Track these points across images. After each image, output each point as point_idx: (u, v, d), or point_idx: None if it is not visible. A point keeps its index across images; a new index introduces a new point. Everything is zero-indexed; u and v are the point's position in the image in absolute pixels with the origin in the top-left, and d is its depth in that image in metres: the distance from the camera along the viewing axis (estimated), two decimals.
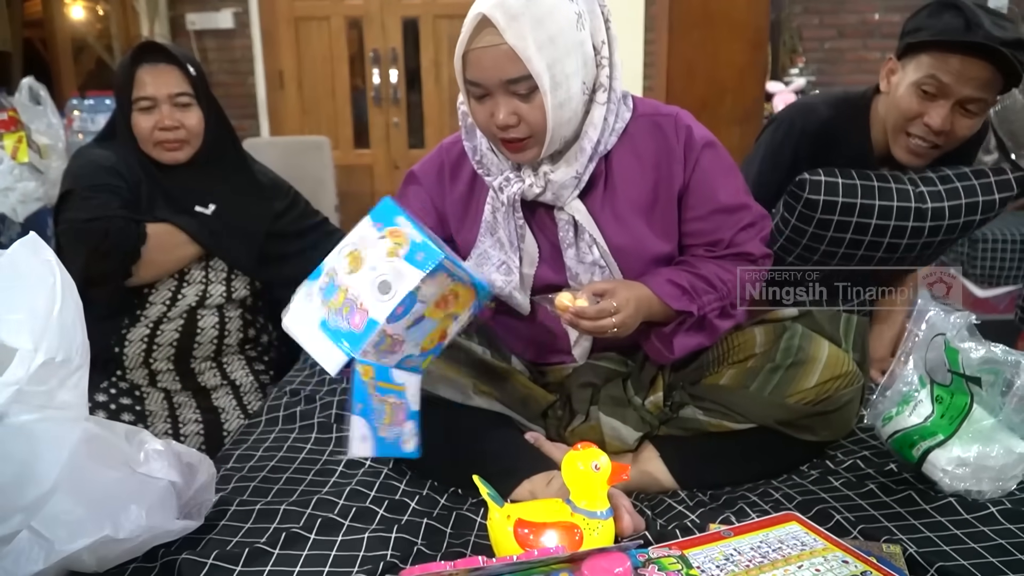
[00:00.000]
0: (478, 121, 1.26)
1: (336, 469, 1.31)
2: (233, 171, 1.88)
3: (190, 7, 4.62)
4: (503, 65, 1.17)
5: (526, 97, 1.19)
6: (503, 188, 1.30)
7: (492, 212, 1.33)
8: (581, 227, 1.30)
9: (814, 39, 4.59)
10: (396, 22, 4.73)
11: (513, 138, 1.23)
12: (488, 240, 1.35)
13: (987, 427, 1.15)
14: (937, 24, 1.52)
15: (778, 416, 1.24)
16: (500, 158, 1.32)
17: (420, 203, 1.39)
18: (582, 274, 1.32)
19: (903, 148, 1.61)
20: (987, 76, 1.49)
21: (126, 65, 1.75)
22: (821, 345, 1.27)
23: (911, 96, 1.56)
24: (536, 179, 1.28)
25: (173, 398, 1.82)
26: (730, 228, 1.33)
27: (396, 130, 4.87)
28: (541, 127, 1.22)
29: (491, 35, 1.16)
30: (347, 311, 1.06)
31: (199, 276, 1.82)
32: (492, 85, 1.19)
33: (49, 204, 2.54)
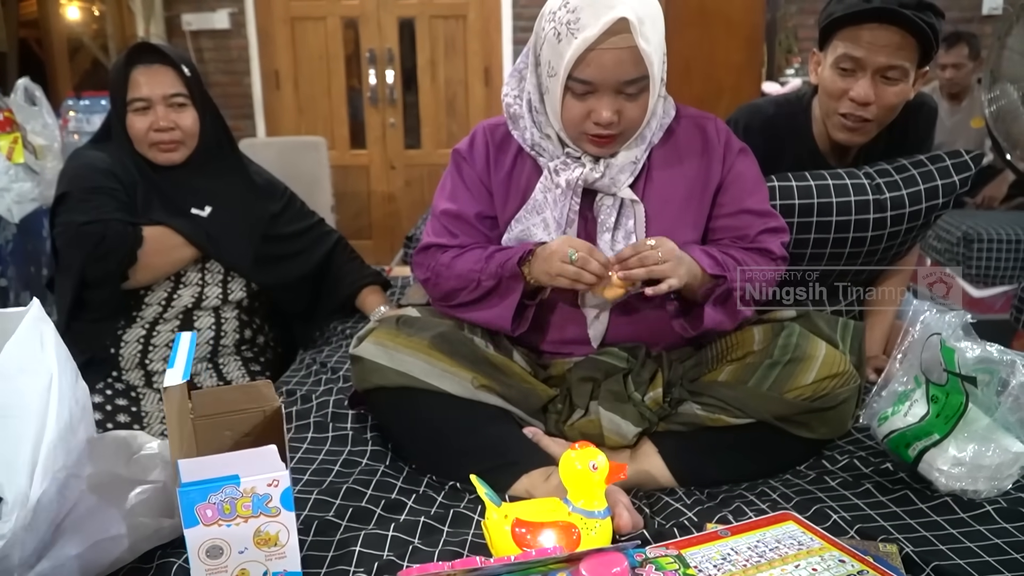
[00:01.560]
0: (571, 116, 1.28)
1: (333, 468, 1.30)
2: (229, 172, 1.88)
3: (186, 7, 4.61)
4: (626, 67, 1.21)
5: (633, 97, 1.25)
6: (559, 171, 1.33)
7: (543, 192, 1.36)
8: (624, 214, 1.34)
9: (810, 39, 4.59)
10: (392, 22, 4.72)
11: (607, 135, 1.27)
12: (533, 219, 1.37)
13: (983, 426, 1.15)
14: (842, 5, 1.59)
15: (775, 411, 1.25)
16: (554, 144, 1.35)
17: (472, 180, 1.42)
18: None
19: (839, 127, 1.65)
20: (897, 40, 1.54)
21: (120, 66, 1.74)
22: (818, 344, 1.28)
23: (833, 77, 1.61)
24: (596, 164, 1.32)
25: None
26: (755, 227, 1.39)
27: (392, 130, 4.87)
28: (636, 124, 1.29)
29: (623, 38, 1.19)
30: None
31: (195, 278, 1.82)
32: (606, 85, 1.23)
33: (45, 205, 2.54)
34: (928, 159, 1.68)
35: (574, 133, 1.30)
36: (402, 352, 1.29)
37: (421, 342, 1.30)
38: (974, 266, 3.07)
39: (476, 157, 1.42)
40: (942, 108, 3.70)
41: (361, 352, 1.33)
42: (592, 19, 1.18)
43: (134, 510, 1.01)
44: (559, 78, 1.24)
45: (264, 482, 0.91)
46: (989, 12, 4.51)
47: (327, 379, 1.69)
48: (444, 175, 1.46)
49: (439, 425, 1.26)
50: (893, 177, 1.65)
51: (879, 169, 1.67)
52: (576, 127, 1.28)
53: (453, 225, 1.41)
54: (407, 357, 1.29)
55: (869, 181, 1.64)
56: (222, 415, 1.06)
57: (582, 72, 1.22)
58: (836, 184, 1.63)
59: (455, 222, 1.41)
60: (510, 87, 1.39)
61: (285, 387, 1.67)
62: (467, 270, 1.35)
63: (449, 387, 1.27)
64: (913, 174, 1.65)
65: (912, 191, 1.64)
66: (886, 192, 1.63)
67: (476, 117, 4.79)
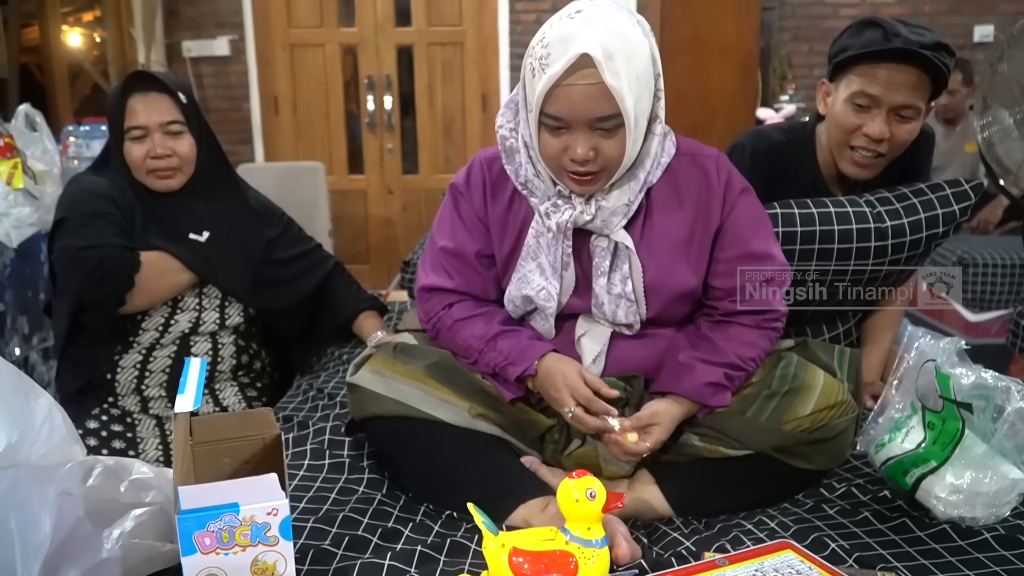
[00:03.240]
0: (547, 153, 1.24)
1: (329, 496, 1.30)
2: (226, 197, 1.89)
3: (186, 34, 4.65)
4: (596, 103, 1.17)
5: (608, 133, 1.20)
6: (550, 214, 1.29)
7: (536, 237, 1.33)
8: (619, 257, 1.30)
9: (804, 66, 4.64)
10: (391, 49, 4.76)
11: (586, 172, 1.23)
12: (529, 264, 1.34)
13: (980, 453, 1.15)
14: (859, 41, 1.59)
15: (773, 442, 1.25)
16: (546, 182, 1.31)
17: (469, 218, 1.38)
18: (607, 304, 1.32)
19: (849, 162, 1.66)
20: (914, 80, 1.56)
21: (117, 95, 1.76)
22: (816, 374, 1.28)
23: (847, 112, 1.62)
24: (587, 206, 1.28)
25: (165, 425, 1.81)
26: (755, 278, 1.34)
27: (390, 155, 4.89)
28: (616, 162, 1.23)
29: (588, 73, 1.15)
30: None
31: (193, 303, 1.82)
32: (577, 121, 1.19)
33: (43, 230, 2.54)
34: (928, 188, 1.69)
35: (555, 169, 1.26)
36: (398, 380, 1.30)
37: (417, 371, 1.30)
38: (970, 290, 3.08)
39: (473, 192, 1.38)
40: (937, 132, 3.73)
41: (357, 380, 1.33)
42: (559, 54, 1.16)
43: (132, 532, 1.01)
44: (534, 114, 1.22)
45: (263, 510, 0.90)
46: (980, 39, 4.56)
47: (324, 405, 1.68)
48: (442, 208, 1.43)
49: (436, 454, 1.26)
50: (894, 205, 1.65)
51: (880, 197, 1.68)
52: (554, 163, 1.25)
53: (451, 264, 1.38)
54: (403, 386, 1.29)
55: (870, 209, 1.64)
56: (221, 442, 1.07)
57: (552, 107, 1.19)
58: (838, 212, 1.63)
59: (453, 261, 1.38)
60: (505, 118, 1.36)
61: (282, 413, 1.67)
62: (468, 345, 1.33)
63: (446, 416, 1.27)
64: (914, 203, 1.66)
65: (913, 219, 1.64)
66: (887, 220, 1.63)
67: (473, 142, 4.81)
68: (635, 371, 1.35)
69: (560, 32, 1.17)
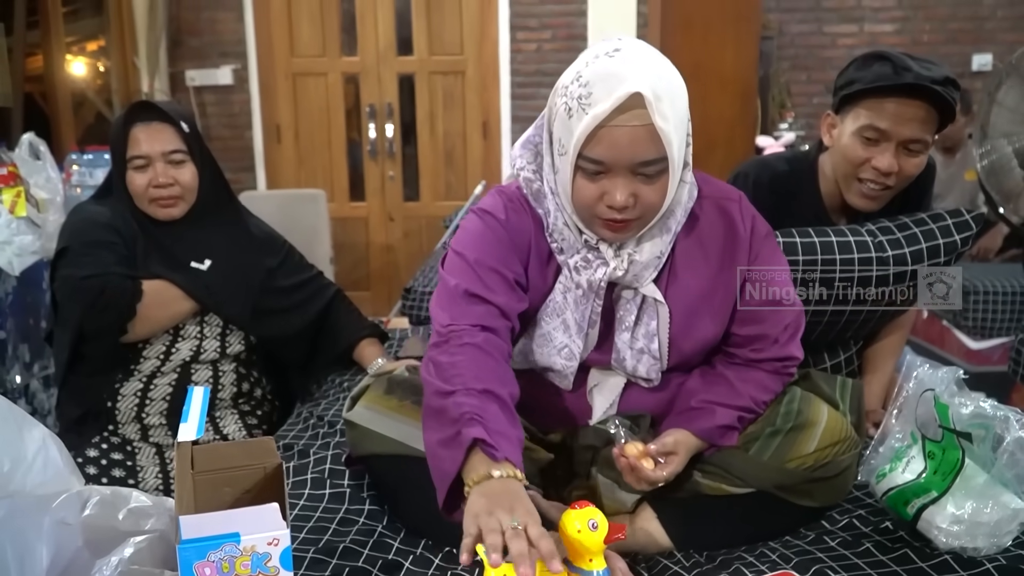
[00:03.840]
0: (582, 199, 1.16)
1: (330, 527, 1.29)
2: (228, 226, 1.90)
3: (190, 64, 4.69)
4: (642, 146, 1.10)
5: (649, 179, 1.13)
6: (580, 269, 1.22)
7: (563, 293, 1.25)
8: (645, 312, 1.24)
9: (802, 94, 4.67)
10: (392, 78, 4.80)
11: (622, 219, 1.15)
12: (553, 321, 1.26)
13: (980, 483, 1.15)
14: (868, 75, 1.59)
15: (777, 481, 1.23)
16: (574, 233, 1.22)
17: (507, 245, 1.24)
18: (629, 359, 1.27)
19: (857, 194, 1.66)
20: (923, 115, 1.56)
21: (120, 124, 1.77)
22: (820, 410, 1.27)
23: (855, 145, 1.62)
24: (619, 260, 1.21)
25: (165, 453, 1.81)
26: (774, 323, 1.30)
27: (391, 183, 4.92)
28: (655, 209, 1.17)
29: (637, 114, 1.08)
30: None
31: (194, 331, 1.82)
32: (620, 165, 1.12)
33: (46, 258, 2.55)
34: (930, 217, 1.69)
35: (586, 216, 1.18)
36: (394, 418, 1.28)
37: (414, 408, 1.27)
38: (971, 318, 3.08)
39: (511, 225, 1.26)
40: (936, 161, 3.75)
41: (354, 417, 1.33)
42: (605, 93, 1.08)
43: (130, 560, 1.00)
44: (569, 157, 1.13)
45: (264, 540, 0.90)
46: (979, 68, 4.60)
47: (324, 433, 1.68)
48: (470, 229, 1.28)
49: (433, 492, 1.23)
50: (895, 235, 1.65)
51: (881, 226, 1.68)
52: (588, 210, 1.16)
53: (489, 278, 1.21)
54: (399, 424, 1.27)
55: (872, 238, 1.64)
56: (223, 471, 1.06)
57: (593, 150, 1.11)
58: (839, 241, 1.63)
59: (492, 275, 1.22)
60: (525, 160, 1.27)
61: (282, 441, 1.66)
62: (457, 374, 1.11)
63: None
64: (915, 232, 1.66)
65: (914, 249, 1.64)
66: (888, 250, 1.63)
67: (474, 170, 4.84)
68: (644, 412, 1.33)
69: (602, 70, 1.10)
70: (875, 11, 4.62)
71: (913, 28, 4.63)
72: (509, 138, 4.75)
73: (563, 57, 4.60)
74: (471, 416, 1.05)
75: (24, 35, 4.07)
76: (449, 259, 1.26)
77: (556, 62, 4.62)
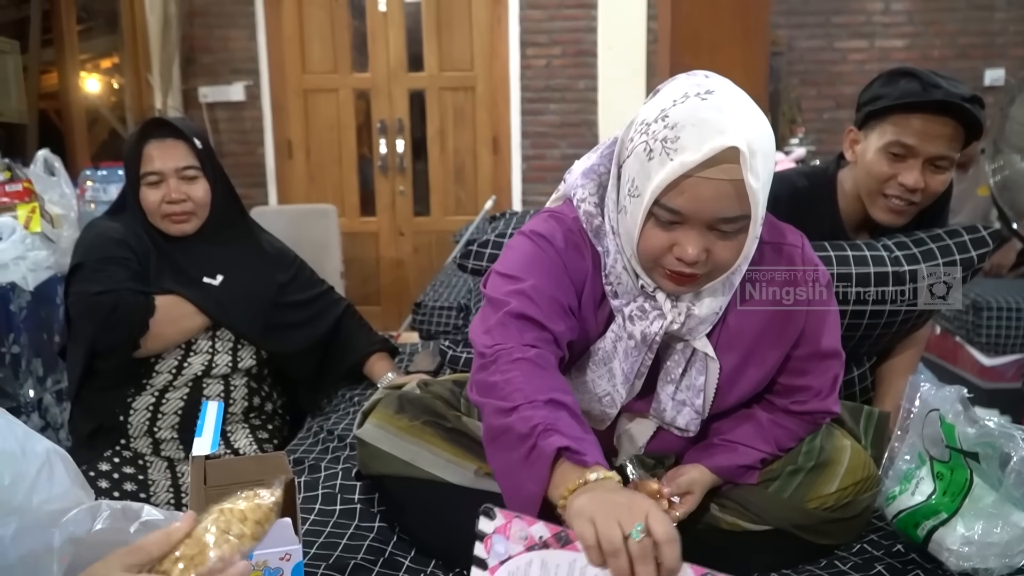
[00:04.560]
0: (649, 248, 1.07)
1: (340, 543, 1.29)
2: (240, 241, 1.91)
3: (202, 80, 4.73)
4: (727, 203, 1.02)
5: (725, 235, 1.05)
6: (635, 319, 1.14)
7: (614, 342, 1.16)
8: (694, 367, 1.17)
9: (813, 110, 4.67)
10: (403, 94, 4.83)
11: (689, 273, 1.07)
12: (599, 369, 1.18)
13: (989, 503, 1.14)
14: (895, 91, 1.58)
15: (796, 520, 1.21)
16: (631, 278, 1.15)
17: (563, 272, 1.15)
18: (669, 410, 1.20)
19: (883, 209, 1.65)
20: (950, 132, 1.55)
21: (134, 141, 1.79)
22: (843, 449, 1.24)
23: (880, 161, 1.61)
24: (676, 312, 1.13)
25: (176, 467, 1.81)
26: (820, 375, 1.23)
27: (401, 198, 4.94)
28: (725, 268, 1.08)
29: (728, 169, 1.00)
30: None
31: (206, 346, 1.83)
32: (698, 218, 1.03)
33: (59, 273, 2.57)
34: (946, 233, 1.68)
35: (649, 265, 1.10)
36: (404, 439, 1.27)
37: (424, 429, 1.26)
38: (983, 334, 3.06)
39: (575, 261, 1.16)
40: None
41: (364, 436, 1.32)
42: (696, 141, 0.99)
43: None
44: (643, 200, 1.04)
45: (276, 556, 0.90)
46: (991, 83, 4.59)
47: (334, 447, 1.68)
48: (520, 251, 1.17)
49: (443, 515, 1.23)
50: (912, 250, 1.64)
51: (897, 242, 1.67)
52: (653, 259, 1.08)
53: (546, 303, 1.10)
54: (409, 445, 1.26)
55: (888, 253, 1.63)
56: (235, 486, 1.06)
57: (673, 200, 1.02)
58: (856, 255, 1.62)
59: (549, 302, 1.11)
60: (587, 190, 1.17)
61: (292, 456, 1.66)
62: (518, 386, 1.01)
63: (452, 478, 1.24)
64: (932, 247, 1.65)
65: (931, 265, 1.63)
66: (904, 265, 1.62)
67: (484, 185, 4.85)
68: (670, 452, 1.28)
69: (693, 115, 1.01)
70: (885, 26, 4.63)
71: (924, 43, 4.63)
72: (519, 153, 4.76)
73: (572, 73, 4.63)
74: (545, 427, 0.95)
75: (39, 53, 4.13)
76: (495, 282, 1.15)
77: (566, 78, 4.64)
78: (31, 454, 0.99)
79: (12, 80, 3.64)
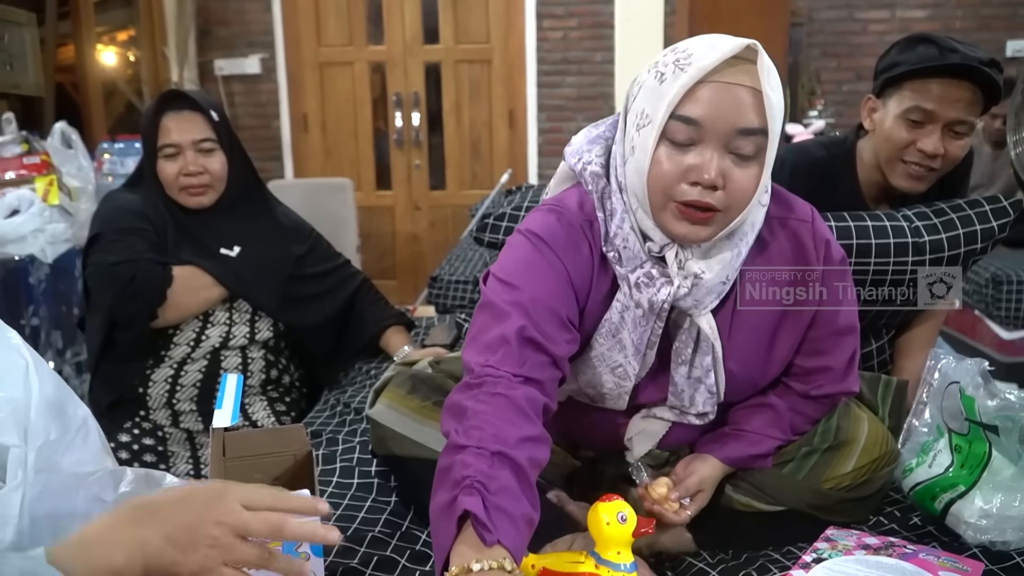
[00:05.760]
0: (661, 174, 1.03)
1: (358, 515, 1.30)
2: (257, 214, 1.91)
3: (218, 53, 4.72)
4: (745, 111, 0.99)
5: (743, 161, 1.02)
6: (641, 287, 1.09)
7: (620, 312, 1.12)
8: (701, 347, 1.14)
9: (832, 82, 4.61)
10: (419, 67, 4.80)
11: (705, 205, 1.02)
12: (608, 342, 1.14)
13: (1008, 476, 1.13)
14: (912, 56, 1.58)
15: (811, 501, 1.19)
16: (638, 240, 1.10)
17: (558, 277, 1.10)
18: (686, 391, 1.17)
19: (902, 175, 1.64)
20: (969, 96, 1.55)
21: (151, 113, 1.79)
22: (860, 425, 1.22)
23: (900, 127, 1.60)
24: (683, 277, 1.08)
25: (195, 438, 1.83)
26: (838, 355, 1.20)
27: (417, 172, 4.93)
28: (741, 203, 1.04)
29: (746, 70, 0.99)
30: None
31: (223, 317, 1.84)
32: (717, 130, 1.00)
33: (77, 245, 2.58)
34: (967, 204, 1.67)
35: (661, 201, 1.04)
36: (416, 420, 1.26)
37: (435, 410, 1.23)
38: (1003, 308, 3.04)
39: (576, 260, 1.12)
40: (984, 153, 3.68)
41: (376, 416, 1.30)
42: (708, 51, 0.99)
43: None
44: (654, 125, 1.02)
45: None
46: (1014, 54, 4.51)
47: (351, 420, 1.69)
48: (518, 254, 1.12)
49: None
50: (932, 220, 1.63)
51: (917, 212, 1.66)
52: (666, 191, 1.03)
53: (546, 321, 1.06)
54: (421, 426, 1.25)
55: (908, 224, 1.62)
56: (253, 457, 1.07)
57: (689, 108, 1.00)
58: (875, 226, 1.61)
59: (549, 318, 1.06)
60: (594, 153, 1.14)
61: (310, 428, 1.68)
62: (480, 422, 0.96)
63: None
64: (952, 218, 1.64)
65: (951, 235, 1.62)
66: (925, 236, 1.61)
67: (500, 159, 4.83)
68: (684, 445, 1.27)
69: (704, 39, 1.02)
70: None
71: (945, 14, 4.55)
72: (535, 127, 4.73)
73: (589, 45, 4.58)
74: (472, 483, 0.89)
75: (55, 26, 4.13)
76: (494, 286, 1.10)
77: (582, 50, 4.60)
78: (72, 414, 1.01)
79: (29, 53, 3.64)
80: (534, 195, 2.11)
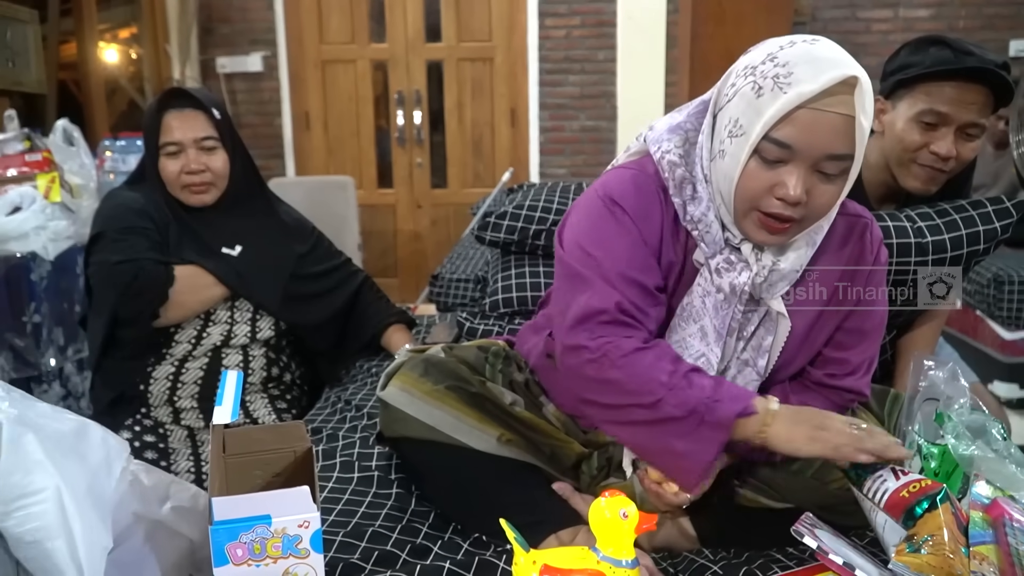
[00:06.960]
0: (750, 186, 1.07)
1: (358, 510, 1.30)
2: (259, 212, 1.91)
3: (220, 51, 4.73)
4: (840, 138, 1.03)
5: (828, 178, 1.05)
6: (722, 272, 1.14)
7: (702, 297, 1.17)
8: (764, 326, 1.18)
9: None
10: (420, 65, 4.80)
11: (787, 217, 1.07)
12: (690, 327, 1.18)
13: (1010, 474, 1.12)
14: (926, 59, 1.57)
15: (818, 501, 1.18)
16: (717, 229, 1.14)
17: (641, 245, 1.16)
18: (732, 369, 1.21)
19: (914, 177, 1.63)
20: (983, 99, 1.55)
21: (153, 111, 1.79)
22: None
23: (912, 130, 1.59)
24: (761, 266, 1.13)
25: (196, 436, 1.83)
26: (860, 353, 1.24)
27: (419, 170, 4.93)
28: (821, 215, 1.09)
29: (843, 101, 1.01)
30: None
31: (225, 316, 1.84)
32: (805, 154, 1.03)
33: (79, 243, 2.58)
34: (970, 204, 1.66)
35: (744, 208, 1.09)
36: (428, 403, 1.26)
37: (448, 394, 1.25)
38: (1005, 308, 3.04)
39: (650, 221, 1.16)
40: (986, 153, 3.68)
41: (387, 397, 1.30)
42: (811, 74, 1.00)
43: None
44: (748, 138, 1.04)
45: (295, 523, 0.91)
46: (1016, 54, 4.51)
47: (352, 417, 1.69)
48: (603, 224, 1.17)
49: (464, 481, 1.22)
50: (935, 221, 1.63)
51: (920, 212, 1.66)
52: (751, 201, 1.08)
53: (637, 296, 1.13)
54: (433, 409, 1.25)
55: (911, 224, 1.62)
56: (253, 454, 1.07)
57: (784, 132, 1.02)
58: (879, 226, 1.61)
59: (639, 293, 1.14)
60: (672, 143, 1.17)
61: (311, 425, 1.67)
62: (649, 377, 1.08)
63: (476, 444, 1.23)
64: (955, 218, 1.64)
65: (954, 236, 1.62)
66: (928, 236, 1.61)
67: (502, 157, 4.83)
68: None
69: (806, 53, 1.03)
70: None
71: (949, 14, 4.55)
72: (537, 125, 4.73)
73: (591, 43, 4.58)
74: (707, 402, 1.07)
75: (58, 23, 4.13)
76: (574, 251, 1.17)
77: (584, 48, 4.60)
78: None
79: (31, 50, 3.64)
80: (536, 194, 2.11)
